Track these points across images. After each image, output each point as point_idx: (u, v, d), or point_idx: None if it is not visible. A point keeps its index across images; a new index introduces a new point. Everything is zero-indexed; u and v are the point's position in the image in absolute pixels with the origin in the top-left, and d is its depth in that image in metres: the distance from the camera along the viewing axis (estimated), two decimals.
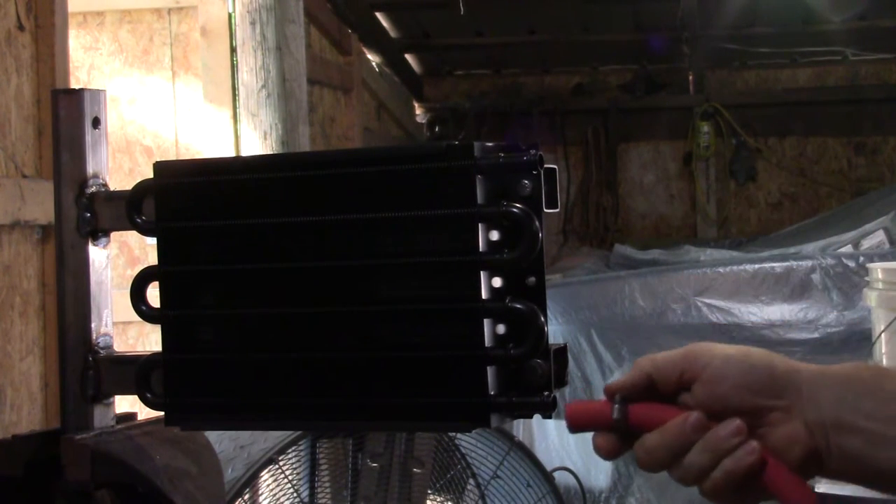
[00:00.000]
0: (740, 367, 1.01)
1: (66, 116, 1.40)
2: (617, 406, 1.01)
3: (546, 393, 1.10)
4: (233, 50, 4.14)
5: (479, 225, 1.13)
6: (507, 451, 2.95)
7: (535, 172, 1.12)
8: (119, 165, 4.19)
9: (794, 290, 5.11)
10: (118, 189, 1.39)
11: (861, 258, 5.05)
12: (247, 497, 2.58)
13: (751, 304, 5.15)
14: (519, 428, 4.52)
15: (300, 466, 2.69)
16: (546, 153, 1.15)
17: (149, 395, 1.30)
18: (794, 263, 5.17)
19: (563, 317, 5.10)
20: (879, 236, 5.37)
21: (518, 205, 1.12)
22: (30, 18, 2.86)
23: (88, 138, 1.40)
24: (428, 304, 1.15)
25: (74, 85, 3.59)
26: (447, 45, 8.03)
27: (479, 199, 1.13)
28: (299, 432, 2.61)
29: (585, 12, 7.46)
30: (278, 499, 2.64)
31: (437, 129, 8.06)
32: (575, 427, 1.06)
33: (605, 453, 1.03)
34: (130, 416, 1.45)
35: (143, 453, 1.37)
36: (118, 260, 4.05)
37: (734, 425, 0.99)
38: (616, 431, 1.02)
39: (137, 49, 4.27)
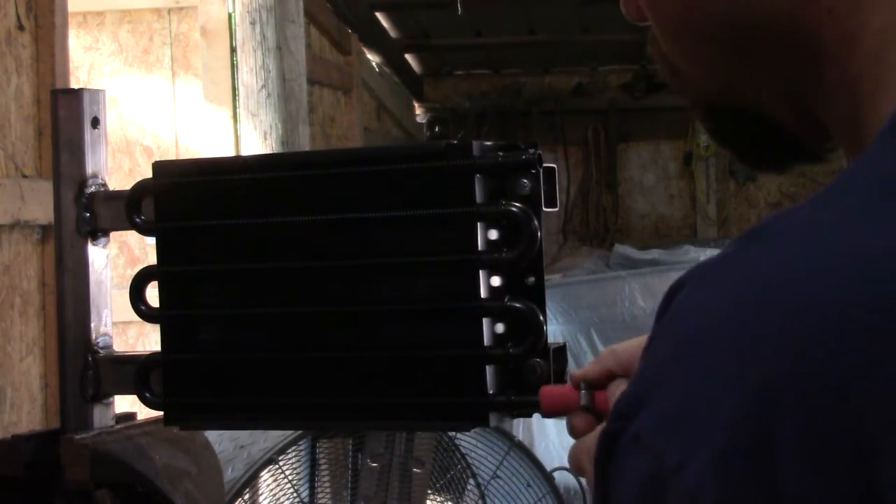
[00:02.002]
0: None
1: (66, 116, 1.40)
2: (583, 392, 1.03)
3: None
4: (233, 50, 4.14)
5: (478, 224, 1.13)
6: (507, 450, 2.95)
7: (533, 171, 1.12)
8: (119, 165, 4.19)
9: None
10: (118, 189, 1.39)
11: None
12: (247, 497, 2.58)
13: None
14: (519, 428, 4.52)
15: (300, 466, 2.69)
16: (546, 153, 1.15)
17: (148, 395, 1.30)
18: None
19: (563, 317, 5.10)
20: None
21: (517, 204, 1.12)
22: (30, 18, 2.86)
23: (88, 138, 1.40)
24: (427, 304, 1.15)
25: (74, 85, 3.59)
26: (447, 45, 8.03)
27: (478, 198, 1.13)
28: (299, 432, 2.61)
29: (585, 12, 7.46)
30: (278, 499, 2.64)
31: (437, 129, 8.05)
32: (548, 412, 1.07)
33: (580, 434, 1.03)
34: (130, 416, 1.45)
35: (142, 453, 1.37)
36: (118, 260, 4.05)
37: None
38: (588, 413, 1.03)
39: (137, 49, 4.27)
